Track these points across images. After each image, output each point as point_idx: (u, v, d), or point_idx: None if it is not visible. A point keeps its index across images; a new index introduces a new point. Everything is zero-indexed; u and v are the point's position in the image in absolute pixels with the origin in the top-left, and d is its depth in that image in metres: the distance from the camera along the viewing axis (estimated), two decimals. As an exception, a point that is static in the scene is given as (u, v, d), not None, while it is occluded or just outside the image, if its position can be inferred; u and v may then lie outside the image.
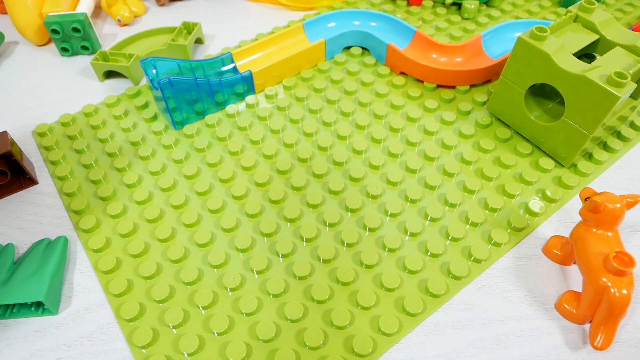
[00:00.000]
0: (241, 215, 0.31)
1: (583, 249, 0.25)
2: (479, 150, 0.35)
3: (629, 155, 0.35)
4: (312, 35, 0.43)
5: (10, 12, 0.45)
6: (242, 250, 0.29)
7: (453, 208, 0.31)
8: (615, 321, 0.24)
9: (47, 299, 0.25)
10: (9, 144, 0.31)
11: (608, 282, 0.23)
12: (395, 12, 0.49)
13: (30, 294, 0.25)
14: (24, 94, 0.42)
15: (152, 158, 0.35)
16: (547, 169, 0.33)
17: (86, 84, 0.42)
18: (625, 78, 0.27)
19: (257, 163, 0.34)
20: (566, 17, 0.33)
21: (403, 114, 0.38)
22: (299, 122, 0.37)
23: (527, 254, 0.29)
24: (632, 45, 0.31)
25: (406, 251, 0.29)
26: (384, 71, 0.41)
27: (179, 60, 0.36)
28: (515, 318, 0.26)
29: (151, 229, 0.30)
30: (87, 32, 0.44)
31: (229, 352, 0.24)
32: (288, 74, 0.41)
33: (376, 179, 0.33)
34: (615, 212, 0.24)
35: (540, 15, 0.49)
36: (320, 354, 0.25)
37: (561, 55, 0.30)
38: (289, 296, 0.27)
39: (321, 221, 0.30)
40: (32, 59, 0.46)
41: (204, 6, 0.52)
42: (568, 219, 0.31)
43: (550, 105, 0.34)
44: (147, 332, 0.25)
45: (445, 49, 0.40)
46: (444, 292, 0.27)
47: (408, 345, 0.25)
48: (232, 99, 0.39)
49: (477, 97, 0.38)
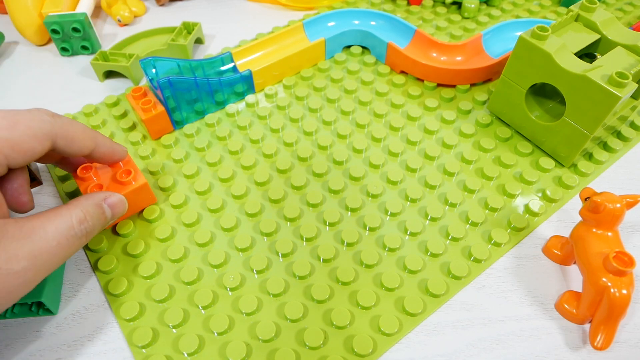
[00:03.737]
0: (241, 215, 0.31)
1: (583, 249, 0.25)
2: (479, 150, 0.35)
3: (629, 155, 0.35)
4: (312, 34, 0.43)
5: (10, 12, 0.44)
6: (242, 249, 0.29)
7: (453, 207, 0.31)
8: (615, 321, 0.24)
9: (47, 299, 0.25)
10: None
11: (608, 282, 0.23)
12: (395, 11, 0.49)
13: (30, 293, 0.25)
14: (24, 94, 0.42)
15: (152, 157, 0.35)
16: (548, 169, 0.33)
17: (86, 84, 0.42)
18: (627, 78, 0.27)
19: (257, 162, 0.34)
20: (567, 16, 0.33)
21: (403, 113, 0.38)
22: (298, 121, 0.37)
23: (527, 254, 0.29)
24: (633, 45, 0.31)
25: (406, 251, 0.29)
26: (384, 70, 0.41)
27: (178, 60, 0.36)
28: (515, 318, 0.26)
29: (151, 229, 0.30)
30: (87, 32, 0.44)
31: (229, 352, 0.24)
32: (288, 73, 0.41)
33: (376, 178, 0.33)
34: (615, 212, 0.24)
35: (541, 15, 0.49)
36: (320, 353, 0.25)
37: (562, 55, 0.30)
38: (289, 296, 0.27)
39: (321, 220, 0.30)
40: (32, 59, 0.46)
41: (204, 6, 0.52)
42: (568, 219, 0.31)
43: (551, 104, 0.34)
44: (147, 332, 0.25)
45: (446, 48, 0.40)
46: (444, 292, 0.27)
47: (408, 345, 0.25)
48: (232, 98, 0.39)
49: (478, 96, 0.38)
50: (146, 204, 0.31)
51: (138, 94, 0.35)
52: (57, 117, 0.24)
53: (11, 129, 0.22)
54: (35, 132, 0.23)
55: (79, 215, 0.23)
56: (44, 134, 0.23)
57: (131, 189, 0.28)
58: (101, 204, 0.25)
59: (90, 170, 0.29)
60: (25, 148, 0.22)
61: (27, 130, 0.22)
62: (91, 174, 0.29)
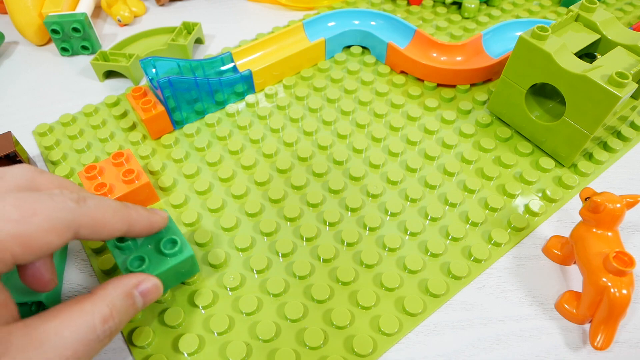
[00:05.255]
0: (241, 215, 0.31)
1: (583, 249, 0.25)
2: (479, 150, 0.35)
3: (629, 155, 0.35)
4: (312, 34, 0.43)
5: (10, 12, 0.44)
6: (242, 249, 0.29)
7: (453, 207, 0.31)
8: (615, 321, 0.24)
9: (47, 299, 0.25)
10: (13, 144, 0.31)
11: (608, 282, 0.23)
12: (395, 12, 0.49)
13: (30, 293, 0.25)
14: (24, 94, 0.42)
15: (152, 157, 0.35)
16: (548, 169, 0.33)
17: (86, 84, 0.42)
18: (627, 78, 0.27)
19: (257, 162, 0.34)
20: (567, 16, 0.33)
21: (403, 113, 0.38)
22: (299, 121, 0.37)
23: (527, 254, 0.29)
24: (633, 45, 0.31)
25: (406, 251, 0.29)
26: (384, 70, 0.41)
27: (178, 59, 0.36)
28: (515, 318, 0.26)
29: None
30: (87, 32, 0.44)
31: (229, 352, 0.24)
32: (288, 73, 0.41)
33: (376, 178, 0.33)
34: (615, 212, 0.24)
35: (541, 15, 0.49)
36: (320, 354, 0.25)
37: (562, 55, 0.30)
38: (289, 296, 0.27)
39: (321, 220, 0.30)
40: (32, 59, 0.46)
41: (204, 6, 0.52)
42: (568, 219, 0.31)
43: (551, 104, 0.34)
44: (147, 332, 0.25)
45: (446, 48, 0.40)
46: (444, 292, 0.27)
47: (408, 345, 0.25)
48: (232, 98, 0.39)
49: (478, 96, 0.38)
50: (148, 203, 0.31)
51: (138, 93, 0.35)
52: (83, 201, 0.20)
53: (25, 222, 0.18)
54: (55, 225, 0.18)
55: (104, 312, 0.19)
56: (65, 226, 0.19)
57: (134, 188, 0.29)
58: (132, 293, 0.21)
59: (95, 170, 0.29)
60: (39, 244, 0.18)
61: (44, 223, 0.18)
62: (95, 173, 0.29)
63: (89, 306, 0.19)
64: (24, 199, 0.18)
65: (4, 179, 0.20)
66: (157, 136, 0.36)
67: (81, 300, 0.19)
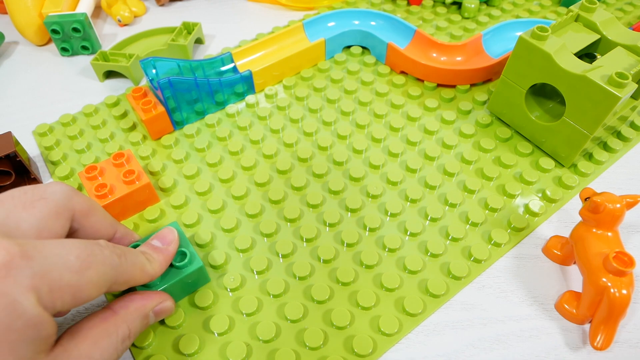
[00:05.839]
0: (241, 216, 0.31)
1: (583, 249, 0.25)
2: (479, 150, 0.35)
3: (629, 155, 0.35)
4: (312, 34, 0.43)
5: (10, 12, 0.44)
6: (242, 250, 0.29)
7: (453, 208, 0.31)
8: (615, 321, 0.24)
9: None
10: (13, 144, 0.31)
11: (608, 282, 0.23)
12: (395, 12, 0.49)
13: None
14: (24, 94, 0.42)
15: (152, 158, 0.35)
16: (547, 169, 0.33)
17: (86, 84, 0.42)
18: (626, 78, 0.27)
19: (257, 163, 0.34)
20: (567, 16, 0.33)
21: (403, 113, 0.38)
22: (299, 122, 0.37)
23: (527, 254, 0.29)
24: (633, 45, 0.31)
25: (406, 251, 0.29)
26: (384, 70, 0.41)
27: (178, 60, 0.36)
28: (515, 318, 0.26)
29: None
30: (87, 32, 0.44)
31: (229, 353, 0.24)
32: (288, 73, 0.41)
33: (376, 179, 0.33)
34: (615, 212, 0.24)
35: (541, 15, 0.49)
36: (320, 354, 0.25)
37: (562, 55, 0.30)
38: (289, 296, 0.27)
39: (321, 221, 0.30)
40: (32, 59, 0.46)
41: (204, 6, 0.52)
42: (568, 219, 0.31)
43: (551, 105, 0.34)
44: (147, 332, 0.25)
45: (446, 48, 0.40)
46: (444, 292, 0.27)
47: (408, 345, 0.25)
48: (232, 98, 0.39)
49: (478, 96, 0.38)
50: (149, 204, 0.31)
51: (138, 94, 0.35)
52: (124, 257, 0.21)
53: (82, 274, 0.18)
54: (100, 280, 0.19)
55: (124, 333, 0.21)
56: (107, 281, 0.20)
57: (135, 188, 0.29)
58: (148, 315, 0.22)
59: (95, 170, 0.29)
60: (84, 296, 0.19)
61: (95, 277, 0.19)
62: (96, 174, 0.29)
63: (112, 327, 0.20)
64: (83, 248, 0.19)
65: (46, 198, 0.21)
66: (157, 137, 0.36)
67: (105, 319, 0.21)
